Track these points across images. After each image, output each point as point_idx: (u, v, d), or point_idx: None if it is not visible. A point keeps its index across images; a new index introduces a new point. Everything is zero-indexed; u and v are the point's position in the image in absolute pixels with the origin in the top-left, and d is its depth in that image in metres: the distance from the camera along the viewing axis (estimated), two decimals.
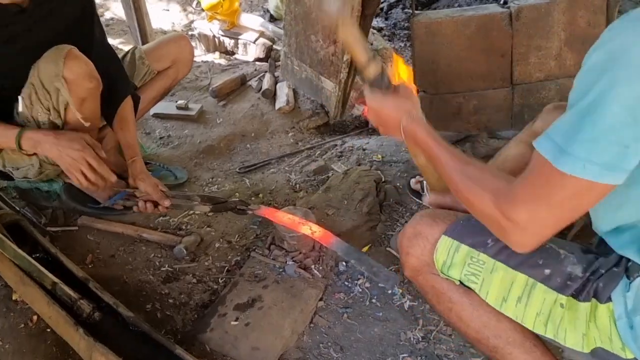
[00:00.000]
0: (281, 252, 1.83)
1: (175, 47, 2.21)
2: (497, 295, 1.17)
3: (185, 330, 1.64)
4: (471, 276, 1.20)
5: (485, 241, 1.19)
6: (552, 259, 1.13)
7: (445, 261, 1.23)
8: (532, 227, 0.95)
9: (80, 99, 1.69)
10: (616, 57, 0.86)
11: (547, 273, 1.12)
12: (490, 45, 2.40)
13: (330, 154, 2.62)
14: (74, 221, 2.08)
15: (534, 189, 0.94)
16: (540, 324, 1.13)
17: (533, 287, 1.13)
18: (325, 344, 1.62)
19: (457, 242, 1.21)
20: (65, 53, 1.62)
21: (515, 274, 1.15)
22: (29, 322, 1.63)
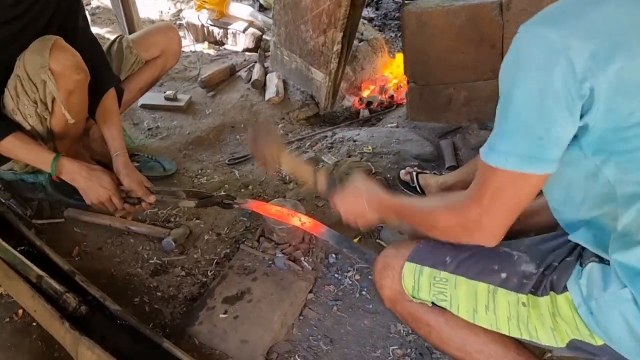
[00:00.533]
0: (270, 244, 1.81)
1: (164, 37, 2.16)
2: (467, 308, 1.19)
3: (173, 323, 1.63)
4: (439, 295, 1.22)
5: (444, 259, 1.22)
6: (506, 262, 1.17)
7: (413, 286, 1.25)
8: (487, 221, 1.05)
9: (67, 91, 1.66)
10: (517, 57, 0.94)
11: (503, 277, 1.15)
12: (481, 36, 2.38)
13: (321, 145, 2.60)
14: (60, 213, 2.05)
15: (477, 188, 1.04)
16: (514, 327, 1.15)
17: (495, 293, 1.16)
18: (315, 337, 1.62)
19: (419, 266, 1.25)
20: (51, 44, 1.59)
21: (476, 284, 1.17)
22: (14, 316, 1.61)
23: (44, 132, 1.76)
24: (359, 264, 1.86)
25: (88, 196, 1.74)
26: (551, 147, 0.95)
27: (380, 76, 3.12)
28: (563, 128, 0.94)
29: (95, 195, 1.72)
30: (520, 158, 0.95)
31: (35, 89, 1.64)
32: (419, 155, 2.44)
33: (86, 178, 1.72)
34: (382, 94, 2.98)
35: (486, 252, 1.16)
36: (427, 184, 2.12)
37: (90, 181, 1.72)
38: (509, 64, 0.97)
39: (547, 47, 0.90)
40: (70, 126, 1.76)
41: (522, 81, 0.93)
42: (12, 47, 1.67)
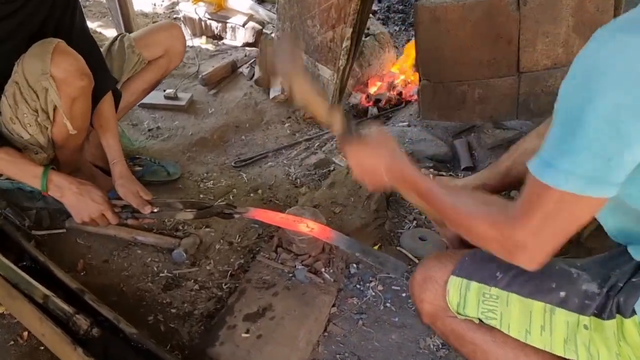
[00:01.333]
0: (289, 255, 1.72)
1: (167, 35, 2.04)
2: (519, 328, 1.11)
3: (192, 344, 1.53)
4: (488, 313, 1.14)
5: (494, 274, 1.14)
6: (565, 280, 1.09)
7: (459, 302, 1.17)
8: (533, 244, 0.94)
9: (70, 99, 1.53)
10: (594, 68, 0.83)
11: (562, 296, 1.07)
12: (497, 32, 2.30)
13: (330, 145, 2.50)
14: (61, 223, 1.93)
15: (526, 206, 0.93)
16: (571, 350, 1.07)
17: (552, 313, 1.07)
18: (342, 355, 1.53)
19: (466, 280, 1.16)
20: (52, 48, 1.46)
21: (531, 302, 1.09)
22: (19, 339, 1.50)
23: (44, 141, 1.64)
24: (380, 273, 1.77)
25: (79, 213, 1.61)
26: (619, 170, 0.86)
27: (387, 72, 3.03)
28: (637, 152, 0.84)
29: (86, 212, 1.60)
30: (583, 179, 0.86)
31: (36, 97, 1.51)
32: (434, 156, 2.35)
33: (77, 193, 1.59)
34: (390, 90, 2.89)
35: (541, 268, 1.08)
36: None
37: (81, 196, 1.59)
38: (583, 75, 0.85)
39: (633, 58, 0.80)
40: (72, 135, 1.64)
41: (599, 95, 0.82)
42: (7, 48, 1.55)
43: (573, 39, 2.33)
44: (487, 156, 2.32)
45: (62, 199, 1.61)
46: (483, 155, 2.33)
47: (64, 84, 1.50)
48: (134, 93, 2.04)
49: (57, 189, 1.60)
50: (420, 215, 2.05)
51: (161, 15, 3.86)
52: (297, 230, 1.64)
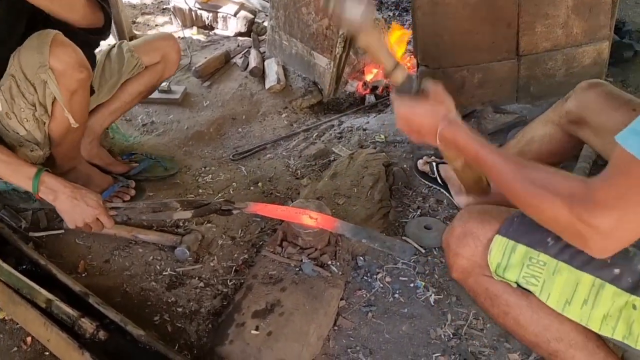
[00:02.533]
0: (295, 249, 1.68)
1: (165, 43, 2.04)
2: (559, 298, 1.07)
3: (200, 343, 1.50)
4: (531, 278, 1.09)
5: (545, 240, 1.08)
6: (620, 257, 1.02)
7: (500, 263, 1.12)
8: (617, 233, 0.86)
9: (69, 91, 1.49)
10: None
11: (616, 273, 1.02)
12: (496, 14, 2.27)
13: (329, 135, 2.47)
14: (59, 223, 1.88)
15: (620, 191, 0.84)
16: (607, 327, 1.04)
17: (601, 288, 1.03)
18: (354, 348, 1.51)
19: (513, 242, 1.11)
20: (50, 39, 1.41)
21: (580, 274, 1.05)
22: (23, 345, 1.47)
23: (41, 137, 1.60)
24: (387, 264, 1.75)
25: (72, 218, 1.54)
26: None
27: None
28: None
29: (80, 216, 1.53)
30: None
31: (34, 90, 1.46)
32: None
33: (71, 197, 1.52)
34: (386, 77, 2.84)
35: None
36: (449, 176, 2.01)
37: (75, 200, 1.52)
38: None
39: None
40: (70, 130, 1.60)
41: None
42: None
43: (572, 20, 2.30)
44: (488, 141, 2.29)
45: (54, 203, 1.53)
46: None
47: (63, 76, 1.45)
48: (131, 94, 2.01)
49: (50, 192, 1.53)
50: (424, 203, 2.03)
51: (149, 6, 3.79)
52: (300, 222, 1.61)
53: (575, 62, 2.39)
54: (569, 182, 0.92)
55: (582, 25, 2.31)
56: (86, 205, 1.52)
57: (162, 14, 3.69)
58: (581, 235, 0.89)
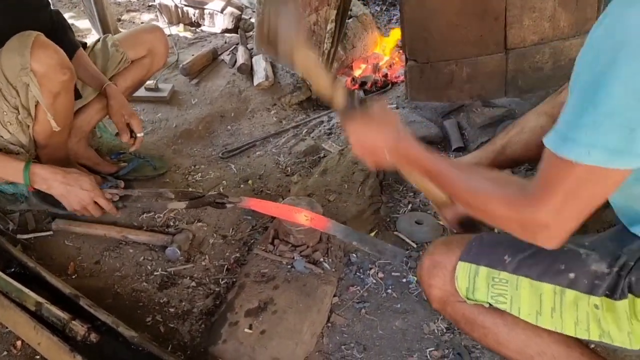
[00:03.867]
0: (287, 246, 1.68)
1: (151, 36, 2.00)
2: (529, 311, 1.10)
3: (194, 343, 1.49)
4: (498, 297, 1.12)
5: (502, 258, 1.12)
6: (573, 261, 1.07)
7: (468, 287, 1.15)
8: (555, 223, 0.90)
9: (52, 94, 1.47)
10: (621, 33, 0.79)
11: (572, 277, 1.05)
12: (484, 8, 2.27)
13: (318, 131, 2.46)
14: (47, 225, 1.86)
15: (547, 184, 0.89)
16: (582, 330, 1.06)
17: (563, 294, 1.06)
18: (347, 345, 1.51)
19: (474, 265, 1.14)
20: (31, 41, 1.38)
21: (540, 285, 1.08)
22: (12, 349, 1.45)
23: (26, 140, 1.58)
24: (380, 260, 1.75)
25: (69, 202, 1.58)
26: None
27: (371, 54, 2.98)
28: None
29: (76, 199, 1.57)
30: (606, 151, 0.81)
31: (16, 93, 1.44)
32: (424, 138, 2.32)
33: (64, 183, 1.56)
34: (375, 72, 2.84)
35: (549, 250, 1.07)
36: None
37: (68, 185, 1.56)
38: (605, 42, 0.81)
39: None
40: (55, 132, 1.58)
41: (622, 65, 0.78)
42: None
43: (559, 13, 2.31)
44: (477, 135, 2.30)
45: (49, 191, 1.57)
46: (473, 135, 2.31)
47: (45, 78, 1.44)
48: None
49: (43, 181, 1.55)
50: (415, 198, 2.03)
51: (134, 3, 3.75)
52: (293, 220, 1.60)
53: (562, 55, 2.40)
54: (506, 184, 0.98)
55: (569, 18, 2.33)
56: (80, 189, 1.55)
57: (148, 11, 3.65)
58: (529, 231, 0.94)
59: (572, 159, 0.84)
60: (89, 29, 3.25)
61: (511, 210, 0.94)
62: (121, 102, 1.82)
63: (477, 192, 1.01)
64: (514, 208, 0.93)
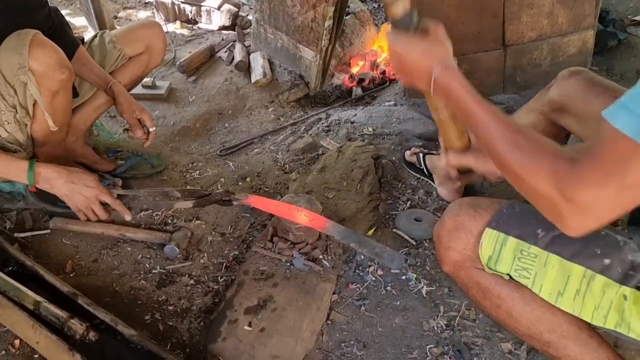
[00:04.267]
0: (286, 244, 1.67)
1: (149, 32, 1.97)
2: (551, 290, 1.07)
3: (193, 341, 1.48)
4: (522, 271, 1.09)
5: (535, 232, 1.08)
6: (610, 247, 1.04)
7: (491, 256, 1.12)
8: (596, 210, 0.82)
9: (50, 93, 1.45)
10: None
11: (606, 263, 1.03)
12: (482, 5, 2.27)
13: (317, 128, 2.45)
14: (45, 224, 1.84)
15: (605, 167, 0.79)
16: (599, 317, 1.05)
17: (592, 279, 1.04)
18: (347, 342, 1.51)
19: (503, 235, 1.10)
20: (29, 40, 1.37)
21: (571, 265, 1.05)
22: (11, 348, 1.44)
23: (23, 139, 1.57)
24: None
25: (73, 202, 1.58)
26: None
27: (369, 51, 2.97)
28: None
29: (80, 198, 1.56)
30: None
31: (14, 92, 1.43)
32: (422, 135, 2.33)
33: (68, 182, 1.55)
34: (373, 69, 2.84)
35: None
36: (434, 166, 2.02)
37: (72, 184, 1.55)
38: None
39: None
40: (53, 131, 1.56)
41: None
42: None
43: (557, 9, 2.31)
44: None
45: (52, 191, 1.56)
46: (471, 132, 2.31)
47: (43, 77, 1.42)
48: None
49: (46, 181, 1.55)
50: (414, 195, 2.02)
51: (131, 0, 3.73)
52: (293, 219, 1.60)
53: (560, 52, 2.40)
54: (556, 154, 0.87)
55: (567, 15, 2.32)
56: (85, 187, 1.54)
57: (145, 8, 3.63)
58: (558, 210, 0.85)
59: (622, 129, 0.75)
60: (85, 26, 3.24)
61: (552, 182, 0.84)
62: (129, 99, 1.82)
63: (518, 151, 0.90)
64: (557, 181, 0.83)
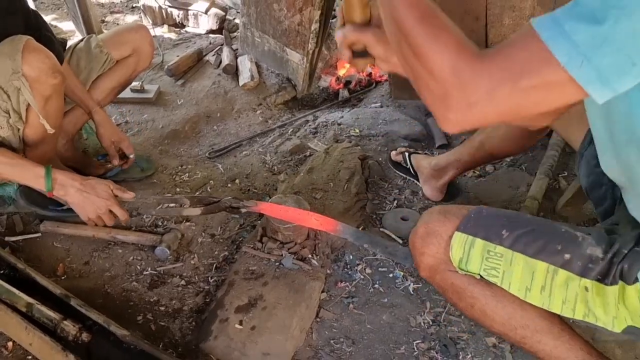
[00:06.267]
0: (275, 244, 1.71)
1: (135, 35, 1.99)
2: (519, 286, 1.13)
3: (185, 340, 1.51)
4: (491, 270, 1.15)
5: (500, 232, 1.14)
6: (570, 243, 1.09)
7: (462, 258, 1.17)
8: (483, 105, 0.77)
9: (43, 97, 1.48)
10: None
11: (567, 258, 1.08)
12: (464, 8, 2.31)
13: (304, 130, 2.49)
14: (36, 227, 1.86)
15: (507, 63, 0.76)
16: (567, 308, 1.10)
17: (555, 274, 1.09)
18: (337, 339, 1.54)
19: (471, 237, 1.16)
20: (22, 46, 1.40)
21: (535, 262, 1.11)
22: (4, 350, 1.45)
23: (16, 143, 1.59)
24: (367, 256, 1.79)
25: (85, 211, 1.56)
26: (631, 78, 0.72)
27: None
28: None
29: (92, 207, 1.55)
30: (597, 73, 0.71)
31: (7, 98, 1.45)
32: (408, 136, 2.38)
33: (80, 190, 1.54)
34: (359, 72, 2.88)
35: (547, 229, 1.10)
36: (419, 165, 2.07)
37: (85, 192, 1.54)
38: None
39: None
40: (45, 135, 1.59)
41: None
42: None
43: (538, 12, 2.36)
44: (461, 133, 2.35)
45: (66, 198, 1.56)
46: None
47: (36, 82, 1.44)
48: (103, 91, 1.98)
49: (61, 188, 1.54)
50: (400, 195, 2.07)
51: (118, 4, 3.74)
52: (304, 224, 1.62)
53: None
54: (464, 41, 0.82)
55: None
56: (97, 197, 1.55)
57: (132, 12, 3.65)
58: (446, 97, 0.80)
59: (561, 60, 0.72)
60: (72, 30, 3.24)
61: (451, 65, 0.79)
62: (110, 129, 1.87)
63: (428, 31, 0.83)
64: (457, 65, 0.78)
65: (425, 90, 0.83)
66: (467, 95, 0.78)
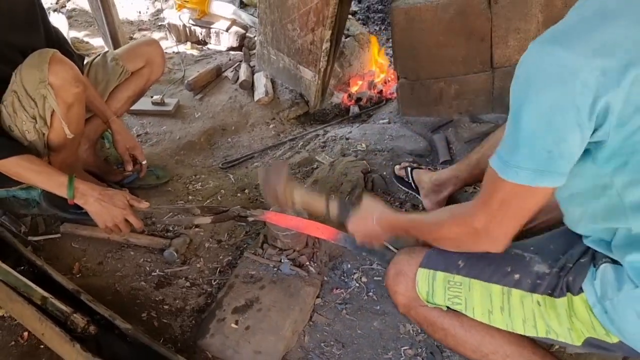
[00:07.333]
0: (275, 250, 1.80)
1: (148, 48, 2.15)
2: (482, 310, 1.21)
3: (184, 337, 1.62)
4: (454, 299, 1.24)
5: (456, 263, 1.24)
6: (519, 264, 1.19)
7: (427, 291, 1.27)
8: (493, 230, 1.08)
9: (66, 104, 1.63)
10: (527, 74, 0.95)
11: (516, 278, 1.18)
12: (470, 30, 2.39)
13: (314, 144, 2.59)
14: (56, 228, 2.01)
15: (486, 196, 1.06)
16: (530, 327, 1.17)
17: (509, 294, 1.18)
18: (327, 342, 1.62)
19: (432, 271, 1.26)
20: (49, 58, 1.56)
21: (490, 286, 1.20)
22: (20, 339, 1.58)
23: (41, 147, 1.73)
24: (364, 265, 1.86)
25: (102, 219, 1.66)
26: (560, 161, 0.95)
27: (367, 71, 3.12)
28: (573, 144, 0.94)
29: (109, 217, 1.65)
30: (531, 172, 0.96)
31: (34, 104, 1.60)
32: (413, 151, 2.45)
33: (99, 199, 1.65)
34: (370, 89, 2.98)
35: (497, 255, 1.18)
36: (420, 180, 2.13)
37: (103, 202, 1.65)
38: (520, 81, 0.96)
39: (558, 66, 0.89)
40: (68, 139, 1.73)
41: (532, 98, 0.93)
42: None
43: None
44: (464, 149, 2.41)
45: (85, 206, 1.66)
46: (460, 149, 2.42)
47: (61, 90, 1.59)
48: (120, 100, 2.13)
49: (81, 196, 1.65)
50: (401, 208, 2.14)
51: (146, 22, 3.94)
52: (309, 232, 1.72)
53: None
54: (453, 209, 1.21)
55: None
56: (114, 207, 1.65)
57: (159, 29, 3.84)
58: (472, 240, 1.13)
59: (506, 178, 0.99)
60: (102, 46, 3.43)
61: (459, 225, 1.14)
62: (125, 136, 1.99)
63: (435, 223, 1.23)
64: (461, 222, 1.13)
65: (463, 245, 1.19)
66: (480, 231, 1.09)
